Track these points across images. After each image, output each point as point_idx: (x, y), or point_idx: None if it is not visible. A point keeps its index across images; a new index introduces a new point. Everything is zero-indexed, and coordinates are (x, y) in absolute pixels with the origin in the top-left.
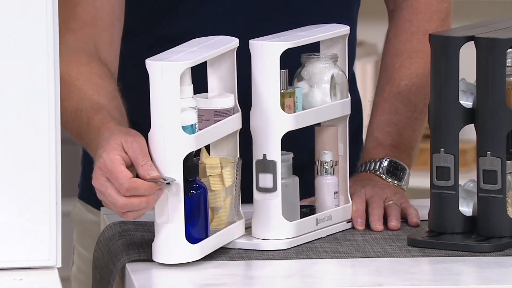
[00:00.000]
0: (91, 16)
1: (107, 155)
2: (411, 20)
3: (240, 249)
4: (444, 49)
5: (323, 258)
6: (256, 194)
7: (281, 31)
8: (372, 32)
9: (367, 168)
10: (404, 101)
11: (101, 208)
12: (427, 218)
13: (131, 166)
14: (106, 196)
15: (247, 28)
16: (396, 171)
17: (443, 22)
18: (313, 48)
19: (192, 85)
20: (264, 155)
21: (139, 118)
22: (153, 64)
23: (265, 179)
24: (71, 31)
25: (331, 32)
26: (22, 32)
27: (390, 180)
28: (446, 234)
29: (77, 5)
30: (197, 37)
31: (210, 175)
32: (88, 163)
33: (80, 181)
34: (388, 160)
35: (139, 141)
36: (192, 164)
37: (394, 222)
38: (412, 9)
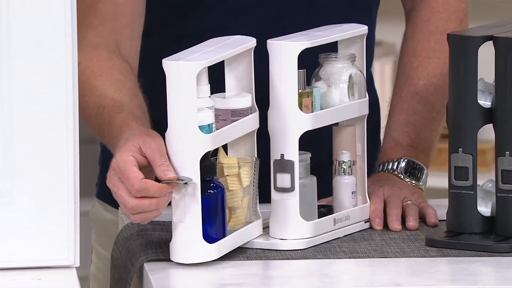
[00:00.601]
0: (112, 12)
1: (121, 155)
2: (429, 20)
3: (258, 249)
4: (462, 49)
5: (341, 258)
6: (274, 194)
7: (299, 30)
8: (391, 32)
9: (385, 168)
10: (422, 101)
11: (119, 207)
12: (445, 218)
13: (147, 167)
14: (118, 197)
15: (266, 27)
16: (414, 171)
17: (461, 22)
18: (331, 47)
19: (209, 85)
20: (282, 155)
21: (157, 116)
22: (169, 64)
23: (282, 179)
24: (92, 26)
25: (349, 32)
26: (40, 30)
27: (408, 180)
28: (465, 234)
29: (98, 1)
30: (216, 35)
31: (227, 175)
32: (106, 162)
33: (98, 180)
34: (406, 160)
35: (157, 141)
36: (209, 164)
37: (412, 222)
38: (430, 8)
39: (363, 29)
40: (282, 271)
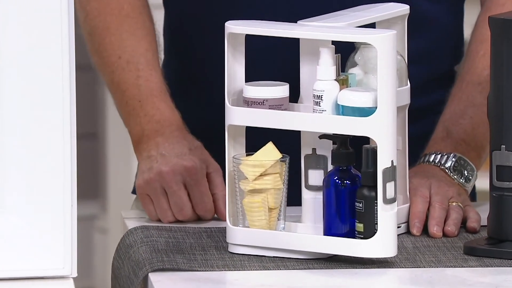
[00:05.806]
0: None
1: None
2: (504, 4)
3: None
4: (505, 34)
5: (367, 268)
6: (305, 193)
7: None
8: None
9: (432, 159)
10: (484, 92)
11: (121, 211)
12: (486, 224)
13: None
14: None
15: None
16: (463, 170)
17: None
18: None
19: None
20: (314, 149)
21: None
22: None
23: (315, 176)
24: None
25: (388, 12)
26: (34, 21)
27: (456, 177)
28: (508, 241)
29: None
30: None
31: (271, 173)
32: None
33: None
34: (457, 156)
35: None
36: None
37: (451, 227)
38: None
39: (403, 9)
40: (301, 282)
